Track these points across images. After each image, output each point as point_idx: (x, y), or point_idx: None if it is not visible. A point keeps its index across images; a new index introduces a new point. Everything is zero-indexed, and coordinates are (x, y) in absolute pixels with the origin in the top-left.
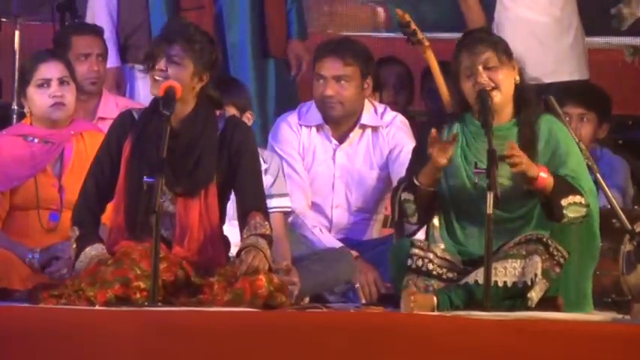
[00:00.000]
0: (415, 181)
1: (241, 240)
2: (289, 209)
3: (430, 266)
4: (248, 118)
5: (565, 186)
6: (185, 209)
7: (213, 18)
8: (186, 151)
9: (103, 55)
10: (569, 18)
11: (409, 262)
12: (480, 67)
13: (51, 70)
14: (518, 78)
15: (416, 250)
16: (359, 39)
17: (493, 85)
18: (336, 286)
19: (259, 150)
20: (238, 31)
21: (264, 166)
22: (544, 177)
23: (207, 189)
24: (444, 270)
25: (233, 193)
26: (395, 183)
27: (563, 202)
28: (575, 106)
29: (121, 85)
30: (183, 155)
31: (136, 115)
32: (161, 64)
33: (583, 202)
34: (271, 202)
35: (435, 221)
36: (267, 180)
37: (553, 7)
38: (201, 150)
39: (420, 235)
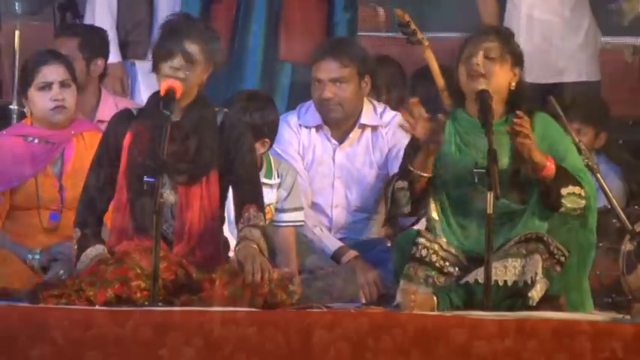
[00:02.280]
0: (410, 167)
1: (237, 232)
2: (301, 223)
3: (434, 257)
4: (265, 143)
5: (566, 176)
6: (187, 197)
7: (233, 11)
8: (186, 139)
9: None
10: (580, 19)
11: (414, 249)
12: (481, 53)
13: (52, 72)
14: (513, 84)
15: (422, 240)
16: (358, 39)
17: (483, 72)
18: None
19: (274, 163)
20: (252, 29)
21: (277, 181)
22: (550, 166)
23: (208, 176)
24: (447, 263)
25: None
26: None
27: (563, 191)
28: (571, 122)
29: (124, 80)
30: (184, 143)
31: (134, 112)
32: (175, 62)
33: (582, 194)
34: (283, 217)
35: (435, 215)
36: (280, 194)
37: (563, 7)
38: (201, 137)
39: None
